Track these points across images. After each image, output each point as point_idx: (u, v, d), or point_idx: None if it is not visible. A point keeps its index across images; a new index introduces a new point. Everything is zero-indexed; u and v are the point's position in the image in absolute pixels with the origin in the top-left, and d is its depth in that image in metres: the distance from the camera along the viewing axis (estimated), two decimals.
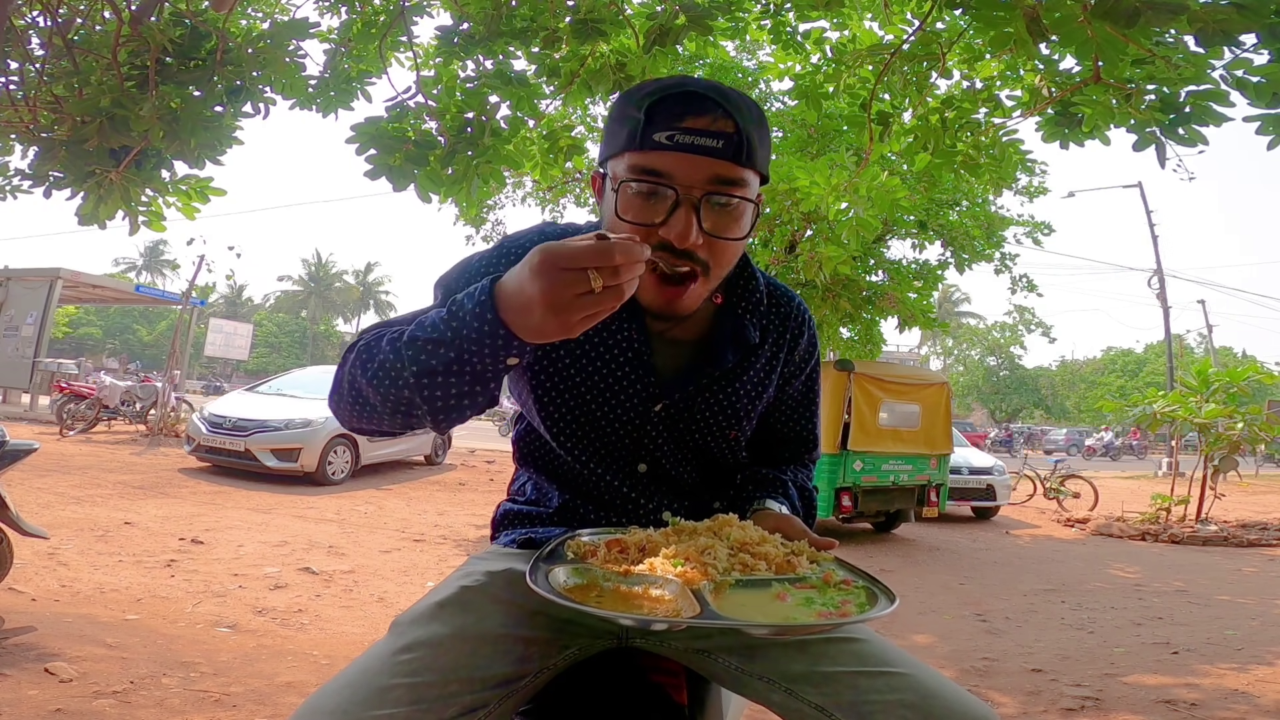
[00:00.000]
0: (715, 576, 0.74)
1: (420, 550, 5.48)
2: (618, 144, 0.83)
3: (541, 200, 10.50)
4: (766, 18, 3.45)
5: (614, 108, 0.87)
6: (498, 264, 0.90)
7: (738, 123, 0.80)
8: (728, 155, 0.80)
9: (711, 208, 0.81)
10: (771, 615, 0.70)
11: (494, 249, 0.95)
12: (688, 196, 0.80)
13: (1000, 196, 8.86)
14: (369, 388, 0.77)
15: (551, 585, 0.71)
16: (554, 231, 0.97)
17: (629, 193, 0.82)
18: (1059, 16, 1.84)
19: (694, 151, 0.79)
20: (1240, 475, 12.21)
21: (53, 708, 2.25)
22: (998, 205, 9.25)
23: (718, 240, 0.82)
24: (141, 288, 19.84)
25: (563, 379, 0.94)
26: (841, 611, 0.71)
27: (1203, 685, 3.28)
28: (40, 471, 6.64)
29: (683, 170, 0.79)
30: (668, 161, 0.79)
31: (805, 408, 1.10)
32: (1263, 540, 7.92)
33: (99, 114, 2.55)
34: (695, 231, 0.80)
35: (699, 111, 0.80)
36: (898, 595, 0.73)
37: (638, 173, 0.81)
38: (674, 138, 0.79)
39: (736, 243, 0.85)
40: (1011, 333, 37.34)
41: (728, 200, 0.82)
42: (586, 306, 0.65)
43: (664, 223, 0.80)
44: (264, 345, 47.41)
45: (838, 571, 0.80)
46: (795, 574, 0.78)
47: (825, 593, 0.75)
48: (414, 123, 3.07)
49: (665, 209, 0.80)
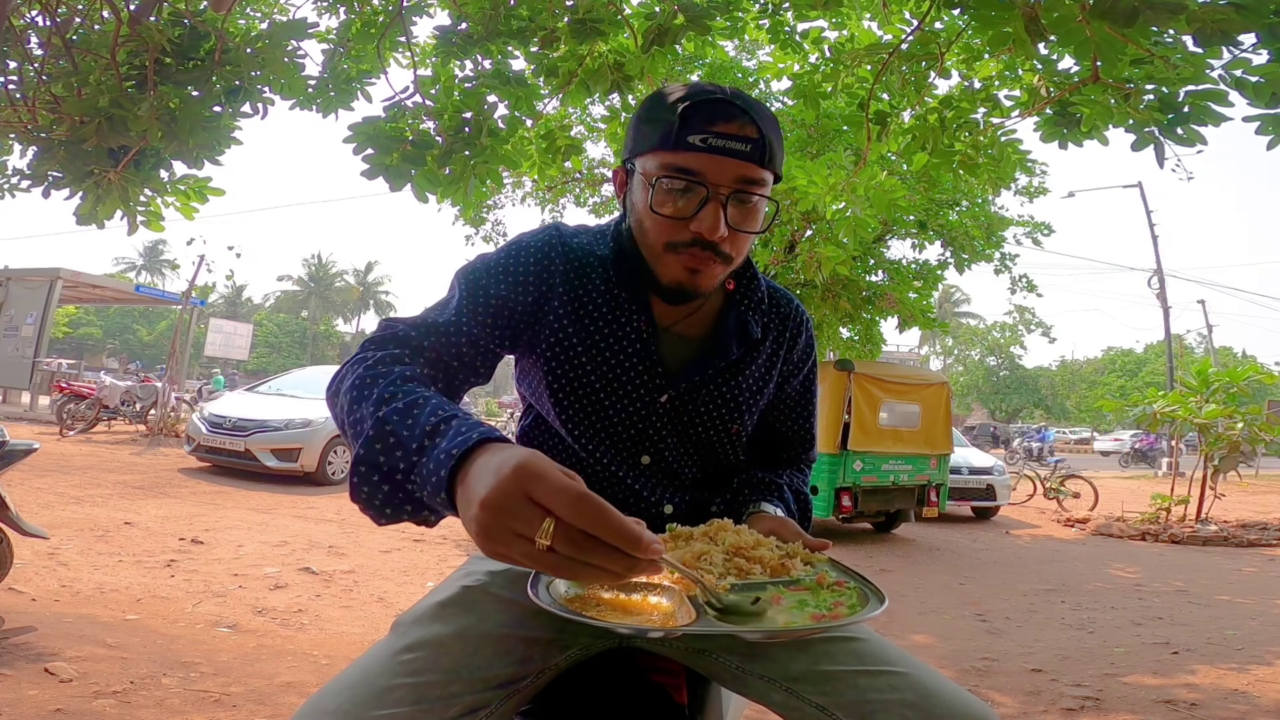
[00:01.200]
0: (711, 582, 0.75)
1: (420, 550, 5.48)
2: (649, 143, 0.88)
3: (541, 200, 10.51)
4: (765, 17, 3.45)
5: (643, 109, 0.92)
6: (516, 262, 0.95)
7: (761, 129, 0.87)
8: (753, 158, 0.86)
9: (736, 204, 0.87)
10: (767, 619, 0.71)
11: (503, 250, 0.98)
12: (716, 194, 0.86)
13: (999, 196, 8.86)
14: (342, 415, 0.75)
15: (551, 596, 0.71)
16: (566, 230, 1.01)
17: (663, 189, 0.87)
18: (1057, 16, 1.85)
19: (724, 154, 0.85)
20: (1240, 475, 12.21)
21: (53, 708, 2.25)
22: (997, 205, 9.25)
23: (740, 233, 0.89)
24: (141, 288, 19.81)
25: (574, 367, 0.96)
26: (834, 614, 0.71)
27: (1203, 685, 3.28)
28: (40, 471, 6.64)
29: (713, 170, 0.85)
30: (700, 162, 0.85)
31: (802, 407, 1.13)
32: (1263, 540, 7.92)
33: (98, 114, 2.55)
34: (723, 225, 0.86)
35: (728, 118, 0.86)
36: (888, 596, 0.74)
37: (671, 171, 0.86)
38: (706, 140, 0.85)
39: (754, 235, 0.92)
40: (1011, 333, 37.32)
41: (750, 198, 0.88)
42: (516, 549, 0.53)
43: (694, 217, 0.86)
44: (264, 345, 47.37)
45: (831, 573, 0.80)
46: (789, 576, 0.79)
47: (819, 594, 0.76)
48: (411, 122, 3.07)
49: (695, 204, 0.86)
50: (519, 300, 0.94)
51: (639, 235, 0.93)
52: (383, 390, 0.71)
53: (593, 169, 9.59)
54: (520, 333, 0.96)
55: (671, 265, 0.90)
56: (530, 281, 0.95)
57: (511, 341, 0.95)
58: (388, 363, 0.78)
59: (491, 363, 0.92)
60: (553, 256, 0.97)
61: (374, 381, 0.73)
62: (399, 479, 0.65)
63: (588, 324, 0.97)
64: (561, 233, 1.00)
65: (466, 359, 0.89)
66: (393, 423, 0.66)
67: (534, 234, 0.99)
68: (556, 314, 0.96)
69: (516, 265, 0.95)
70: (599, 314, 0.97)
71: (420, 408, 0.67)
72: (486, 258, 0.97)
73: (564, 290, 0.96)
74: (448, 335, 0.87)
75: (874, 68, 3.11)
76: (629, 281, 0.97)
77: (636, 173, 0.92)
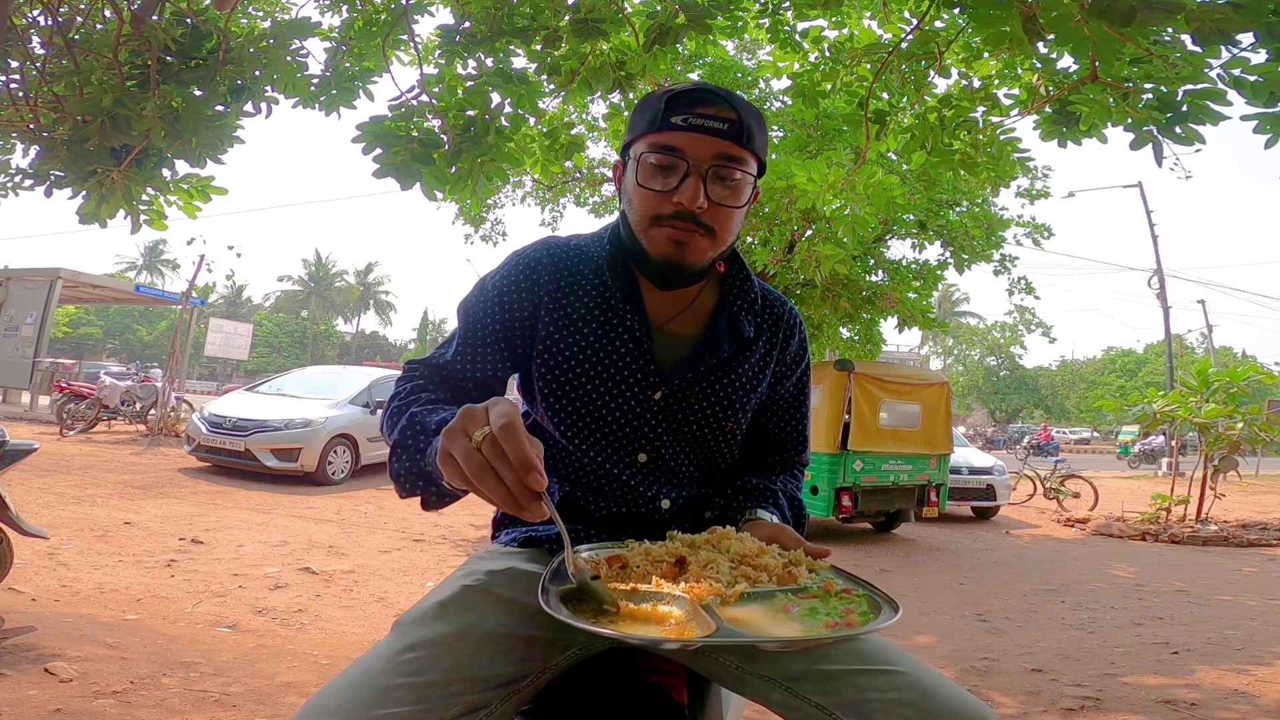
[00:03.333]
0: (721, 591, 0.75)
1: (420, 550, 5.48)
2: (640, 129, 0.96)
3: (541, 199, 10.50)
4: (765, 16, 3.46)
5: (638, 105, 0.99)
6: (507, 282, 1.02)
7: (739, 113, 0.93)
8: (731, 137, 0.92)
9: (716, 181, 0.93)
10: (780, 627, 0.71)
11: (502, 267, 1.05)
12: (697, 168, 0.92)
13: (998, 195, 8.85)
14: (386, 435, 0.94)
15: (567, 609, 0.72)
16: (555, 243, 1.06)
17: (648, 164, 0.94)
18: (1056, 15, 1.85)
19: (703, 132, 0.92)
20: (1240, 475, 12.21)
21: (53, 708, 2.25)
22: (997, 206, 9.24)
23: (721, 208, 0.94)
24: (141, 288, 19.79)
25: (566, 370, 0.99)
26: (848, 621, 0.72)
27: (1203, 685, 3.28)
28: (40, 471, 6.65)
29: (693, 146, 0.92)
30: (681, 139, 0.92)
31: (796, 409, 1.14)
32: (1263, 540, 7.92)
33: (100, 113, 2.55)
34: (702, 197, 0.92)
35: (709, 103, 0.93)
36: (899, 601, 0.74)
37: (655, 149, 0.93)
38: (687, 120, 0.92)
39: (737, 211, 0.97)
40: (1011, 333, 37.32)
41: (730, 174, 0.93)
42: (458, 443, 0.69)
43: (676, 189, 0.92)
44: (264, 345, 47.38)
45: (837, 580, 0.81)
46: (797, 584, 0.79)
47: (828, 602, 0.76)
48: (417, 121, 3.07)
49: (677, 178, 0.92)
50: (514, 320, 1.01)
51: (629, 213, 0.98)
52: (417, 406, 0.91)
53: (593, 168, 9.59)
54: (519, 351, 1.02)
55: (657, 238, 0.95)
56: (522, 300, 1.01)
57: (514, 362, 1.03)
58: (420, 391, 0.96)
59: (499, 389, 1.02)
60: (539, 271, 1.02)
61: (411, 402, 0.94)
62: (418, 457, 0.84)
63: (580, 326, 1.00)
64: (549, 246, 1.05)
65: (474, 394, 0.99)
66: (420, 417, 0.87)
67: (521, 253, 1.05)
68: (545, 325, 1.01)
69: (506, 288, 1.02)
70: (590, 316, 1.00)
71: (440, 410, 0.88)
72: (482, 287, 1.04)
73: (550, 301, 1.01)
74: (454, 374, 1.00)
75: (873, 67, 3.11)
76: (623, 278, 1.01)
77: (630, 159, 0.98)
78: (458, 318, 1.05)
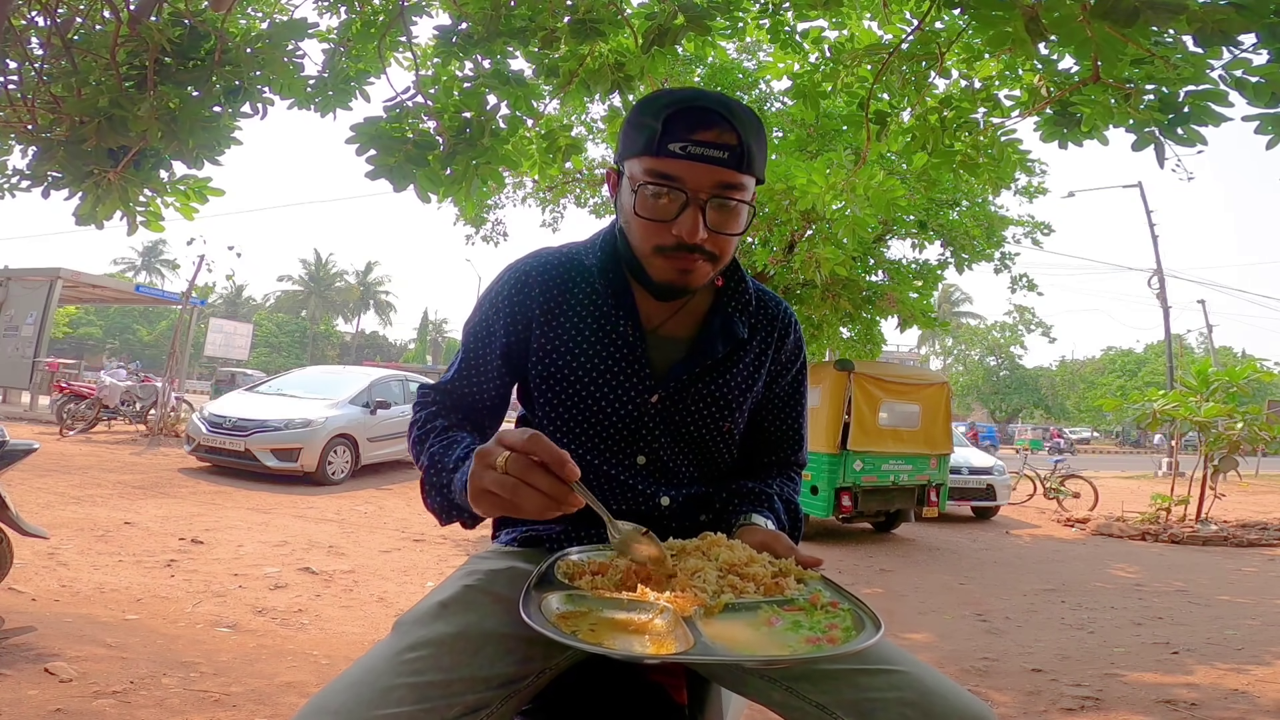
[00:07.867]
0: (705, 601, 0.75)
1: (420, 550, 5.48)
2: (635, 148, 0.93)
3: (542, 200, 10.50)
4: (765, 17, 3.45)
5: (632, 114, 0.96)
6: (500, 298, 1.04)
7: (740, 135, 0.90)
8: (731, 164, 0.90)
9: (715, 208, 0.91)
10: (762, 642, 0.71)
11: (495, 283, 1.06)
12: (695, 199, 0.90)
13: (999, 196, 8.85)
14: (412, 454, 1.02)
15: (544, 615, 0.72)
16: (546, 254, 1.07)
17: (646, 194, 0.92)
18: (1058, 16, 1.84)
19: (702, 161, 0.89)
20: (1240, 475, 12.21)
21: (53, 708, 2.25)
22: (997, 205, 9.24)
23: (720, 235, 0.93)
24: (141, 288, 19.78)
25: (561, 379, 1.00)
26: (829, 637, 0.72)
27: (1203, 685, 3.28)
28: (40, 471, 6.64)
29: (692, 177, 0.90)
30: (680, 168, 0.90)
31: (792, 407, 1.14)
32: (1263, 540, 7.92)
33: (97, 114, 2.55)
34: (702, 229, 0.91)
35: (708, 125, 0.89)
36: (886, 602, 0.75)
37: (654, 176, 0.91)
38: (686, 148, 0.89)
39: (736, 237, 0.96)
40: (1011, 333, 37.33)
41: (729, 202, 0.92)
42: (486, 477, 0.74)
43: (675, 220, 0.91)
44: (264, 345, 47.35)
45: (825, 592, 0.80)
46: (783, 595, 0.79)
47: (813, 615, 0.76)
48: (413, 123, 3.06)
49: (676, 209, 0.91)
50: (508, 334, 1.03)
51: (630, 237, 0.98)
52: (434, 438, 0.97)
53: (593, 169, 9.59)
54: (517, 364, 1.05)
55: (662, 268, 0.95)
56: (515, 313, 1.03)
57: (513, 375, 1.06)
58: (434, 418, 1.01)
59: (504, 404, 1.07)
60: (530, 283, 1.03)
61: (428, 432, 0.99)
62: (446, 490, 0.91)
63: (574, 333, 1.00)
64: (539, 257, 1.06)
65: (478, 413, 1.05)
66: (439, 457, 0.94)
67: (512, 267, 1.07)
68: (539, 336, 1.02)
69: (499, 304, 1.04)
70: (584, 323, 1.01)
71: (455, 446, 0.94)
72: (479, 306, 1.07)
73: (543, 311, 1.02)
74: (461, 396, 1.05)
75: (874, 67, 3.11)
76: (616, 284, 1.01)
77: (625, 176, 0.97)
78: (463, 338, 1.08)
